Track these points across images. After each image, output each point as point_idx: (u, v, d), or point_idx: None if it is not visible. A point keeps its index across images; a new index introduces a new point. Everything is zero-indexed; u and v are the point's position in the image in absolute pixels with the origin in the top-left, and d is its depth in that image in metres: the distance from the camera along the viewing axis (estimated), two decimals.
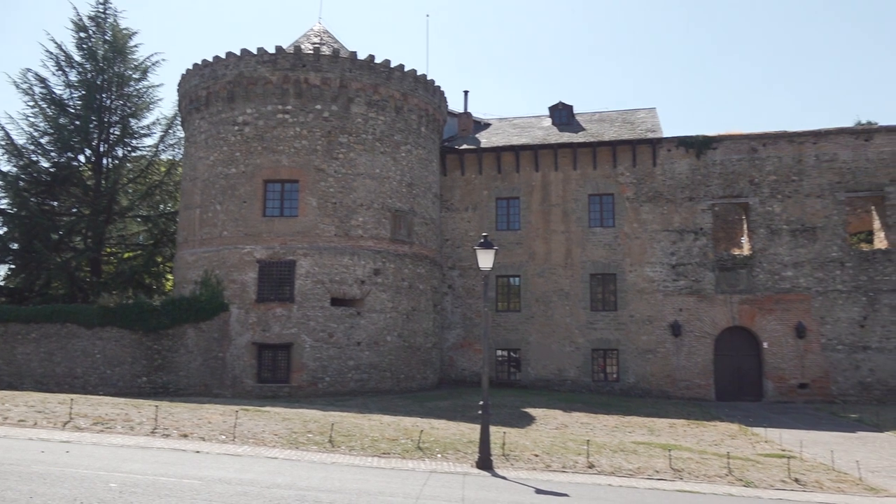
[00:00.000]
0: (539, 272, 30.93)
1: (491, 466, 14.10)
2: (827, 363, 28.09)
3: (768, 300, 28.79)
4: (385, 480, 12.29)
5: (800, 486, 14.43)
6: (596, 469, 14.74)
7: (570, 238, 30.84)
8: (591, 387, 29.65)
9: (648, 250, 30.06)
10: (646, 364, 29.50)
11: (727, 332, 29.14)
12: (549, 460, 15.15)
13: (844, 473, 15.59)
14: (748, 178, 29.61)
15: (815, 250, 28.65)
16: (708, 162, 30.00)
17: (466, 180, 32.32)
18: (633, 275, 30.05)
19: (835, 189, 28.83)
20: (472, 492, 11.71)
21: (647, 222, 30.21)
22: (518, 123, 34.95)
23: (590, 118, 33.98)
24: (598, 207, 30.92)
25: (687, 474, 14.76)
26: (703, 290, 29.38)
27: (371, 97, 27.85)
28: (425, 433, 16.75)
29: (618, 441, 18.26)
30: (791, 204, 29.08)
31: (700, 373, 29.03)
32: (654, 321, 29.62)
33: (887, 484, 15.03)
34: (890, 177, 28.42)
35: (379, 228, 27.56)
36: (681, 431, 20.62)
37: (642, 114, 33.65)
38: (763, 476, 14.94)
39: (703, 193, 29.91)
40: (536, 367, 30.43)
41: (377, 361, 26.74)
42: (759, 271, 28.98)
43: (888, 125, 29.50)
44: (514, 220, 31.67)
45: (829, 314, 28.25)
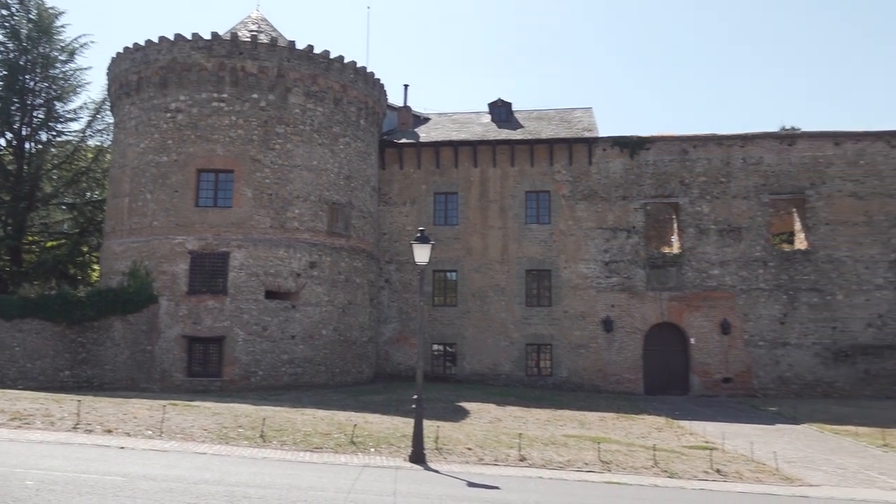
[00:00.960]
0: (476, 267, 31.14)
1: (424, 460, 14.14)
2: (749, 358, 29.20)
3: (696, 297, 29.73)
4: (317, 475, 12.19)
5: (721, 476, 14.97)
6: (527, 462, 14.96)
7: (507, 234, 31.15)
8: (525, 381, 30.05)
9: (583, 247, 30.62)
10: (578, 359, 30.08)
11: (656, 328, 29.97)
12: (482, 454, 15.30)
13: (763, 464, 16.25)
14: (679, 179, 30.47)
15: (741, 250, 29.72)
16: (641, 162, 30.74)
17: (405, 174, 32.25)
18: (568, 271, 30.57)
19: (760, 191, 29.95)
20: (405, 486, 11.73)
21: (581, 220, 30.77)
22: (458, 119, 35.07)
23: (528, 116, 34.36)
24: (534, 204, 31.31)
25: (615, 466, 15.13)
26: (635, 287, 30.12)
27: (309, 88, 27.47)
28: (359, 427, 16.68)
29: (549, 434, 18.58)
30: (719, 205, 30.07)
31: (630, 367, 29.77)
32: (587, 317, 30.21)
33: (802, 474, 15.74)
34: (810, 180, 29.70)
35: (316, 221, 27.25)
36: (610, 424, 21.11)
37: (579, 113, 34.22)
38: (687, 467, 15.44)
39: (636, 193, 30.63)
40: (472, 361, 30.66)
41: (312, 355, 26.47)
42: (688, 269, 29.90)
43: (810, 131, 30.84)
44: (452, 215, 31.79)
45: (752, 311, 29.36)
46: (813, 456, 17.85)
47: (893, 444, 19.39)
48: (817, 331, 28.93)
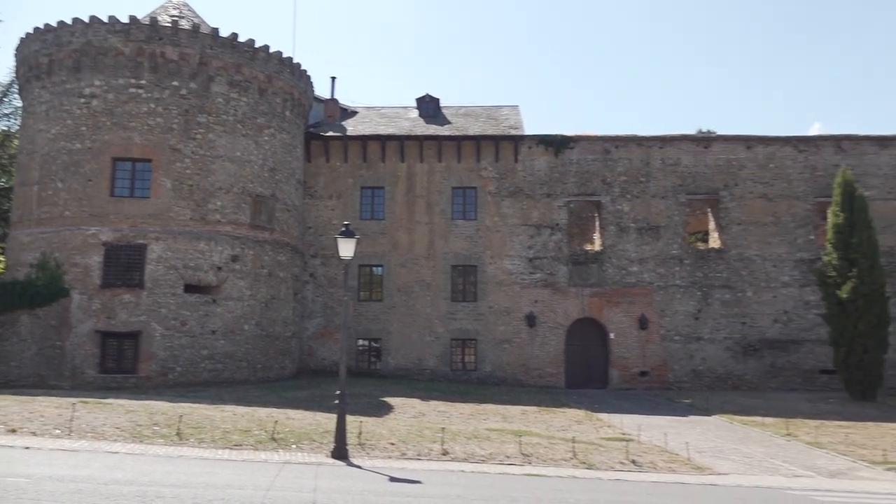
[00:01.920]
0: (402, 262, 31.11)
1: (346, 456, 14.06)
2: (665, 353, 30.24)
3: (616, 293, 30.56)
4: (235, 473, 11.95)
5: (637, 467, 15.46)
6: (450, 456, 15.08)
7: (434, 229, 31.23)
8: (450, 376, 30.24)
9: (508, 244, 31.01)
10: (502, 353, 30.47)
11: (578, 323, 30.66)
12: (405, 448, 15.33)
13: (676, 454, 16.87)
14: (601, 178, 31.22)
15: (659, 248, 30.71)
16: (565, 161, 31.33)
17: (331, 168, 31.89)
18: (493, 267, 30.90)
19: (677, 191, 31.00)
20: (326, 482, 11.63)
21: (507, 216, 31.14)
22: (385, 113, 34.90)
23: (456, 112, 34.51)
24: (461, 200, 31.50)
25: (535, 459, 15.42)
26: (558, 283, 30.71)
27: (233, 77, 26.80)
28: (280, 424, 16.43)
29: (472, 428, 18.76)
30: (638, 204, 30.97)
31: (552, 362, 30.36)
32: (512, 312, 30.63)
33: (712, 463, 16.42)
34: (724, 182, 30.94)
35: (238, 213, 26.64)
36: (532, 418, 21.48)
37: (506, 111, 34.60)
38: (604, 458, 15.87)
39: (560, 190, 31.21)
40: (397, 356, 30.63)
41: (233, 351, 25.89)
42: (609, 266, 30.69)
43: (725, 134, 32.13)
44: (379, 209, 31.64)
45: (669, 307, 30.40)
46: (722, 446, 18.64)
47: (796, 434, 20.44)
48: (728, 326, 30.20)
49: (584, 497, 11.73)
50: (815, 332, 29.32)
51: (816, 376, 29.60)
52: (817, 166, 30.75)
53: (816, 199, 30.48)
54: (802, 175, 30.79)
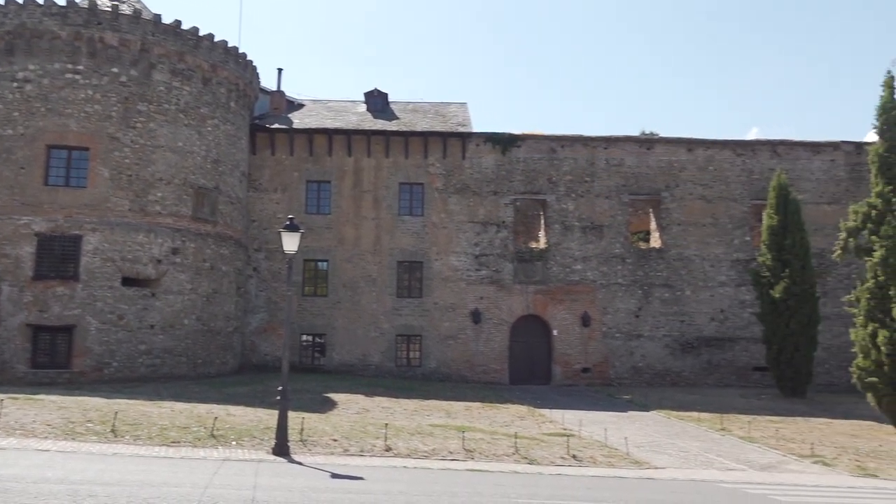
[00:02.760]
0: (348, 257, 30.90)
1: (288, 452, 13.91)
2: (607, 349, 30.81)
3: (560, 291, 30.98)
4: (172, 471, 11.68)
5: (577, 461, 15.72)
6: (393, 452, 15.06)
7: (380, 225, 31.11)
8: (395, 371, 30.20)
9: (454, 240, 31.11)
10: (447, 349, 30.58)
11: (522, 320, 30.98)
12: (348, 444, 15.25)
13: (615, 449, 17.21)
14: (547, 177, 31.59)
15: (602, 246, 31.25)
16: (512, 159, 31.59)
17: (277, 160, 31.44)
18: (439, 263, 30.96)
19: (620, 191, 31.59)
20: (266, 479, 11.47)
21: (454, 213, 31.24)
22: (333, 107, 34.56)
23: (404, 107, 34.42)
24: (408, 196, 31.45)
25: (478, 454, 15.53)
26: (503, 280, 30.97)
27: (176, 65, 26.16)
28: (220, 420, 16.14)
29: (416, 424, 18.78)
30: (583, 203, 31.45)
31: (496, 358, 30.62)
32: (457, 308, 30.75)
33: (649, 457, 16.82)
34: (665, 183, 31.67)
35: (180, 205, 26.03)
36: (476, 414, 21.62)
37: (454, 107, 34.67)
38: (546, 454, 16.09)
39: (506, 188, 31.46)
40: (341, 352, 30.43)
41: (172, 346, 25.31)
42: (553, 264, 31.09)
43: (666, 137, 32.92)
44: (325, 204, 31.34)
45: (611, 305, 30.98)
46: (660, 440, 19.11)
47: (730, 429, 21.11)
48: (668, 324, 30.96)
49: (525, 492, 11.86)
50: (750, 331, 30.29)
51: (750, 373, 30.60)
52: (754, 170, 31.75)
53: (752, 201, 31.46)
54: (740, 178, 31.74)
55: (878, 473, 17.15)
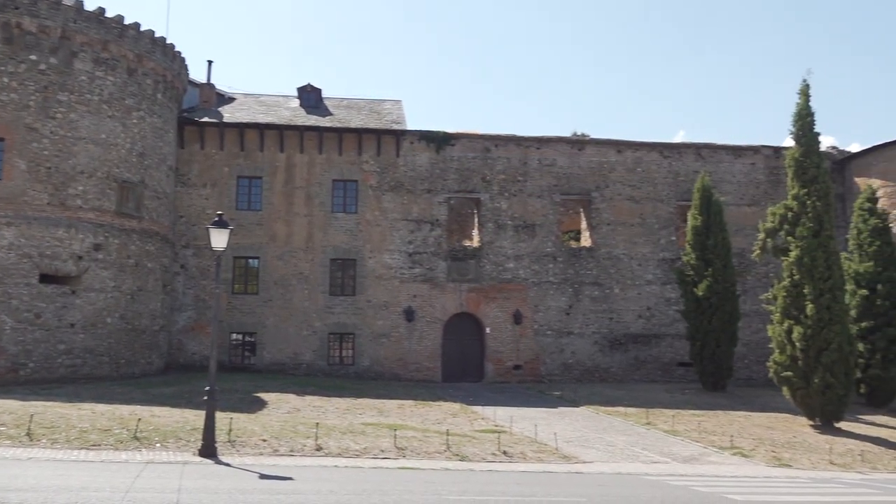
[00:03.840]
0: (279, 255, 30.41)
1: (215, 454, 13.63)
2: (538, 347, 31.27)
3: (492, 289, 31.27)
4: (92, 475, 11.28)
5: (507, 457, 15.95)
6: (324, 451, 14.95)
7: (313, 222, 30.74)
8: (327, 370, 29.90)
9: (388, 238, 31.01)
10: (380, 348, 30.46)
11: (455, 318, 31.13)
12: (278, 445, 15.05)
13: (545, 444, 17.53)
14: (481, 176, 31.82)
15: (534, 245, 31.69)
16: (446, 157, 31.69)
17: (206, 155, 30.67)
18: (373, 261, 30.81)
19: (552, 191, 32.10)
20: (191, 481, 11.20)
21: (388, 211, 31.14)
22: (265, 101, 33.93)
23: (338, 104, 34.08)
24: (341, 193, 31.17)
25: (410, 452, 15.56)
26: (436, 278, 31.05)
27: (99, 54, 25.21)
28: (144, 421, 15.66)
29: (348, 423, 18.68)
30: (516, 202, 31.82)
31: (429, 356, 30.68)
32: (390, 306, 30.67)
33: (578, 452, 17.19)
34: (596, 183, 32.34)
35: (102, 200, 25.10)
36: (408, 412, 21.64)
37: (389, 105, 34.54)
38: (477, 450, 16.25)
39: (440, 187, 31.55)
40: (272, 350, 29.94)
41: (94, 345, 24.40)
42: (486, 262, 31.36)
43: (597, 138, 33.62)
44: (256, 200, 30.76)
45: (542, 303, 31.46)
46: (588, 435, 19.56)
47: (655, 423, 21.77)
48: (597, 321, 31.64)
49: (456, 489, 11.95)
50: (675, 328, 31.25)
51: (675, 368, 31.57)
52: (680, 172, 32.75)
53: (678, 202, 32.45)
54: (666, 179, 32.69)
55: (791, 463, 18.01)
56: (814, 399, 22.25)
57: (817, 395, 22.07)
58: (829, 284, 22.23)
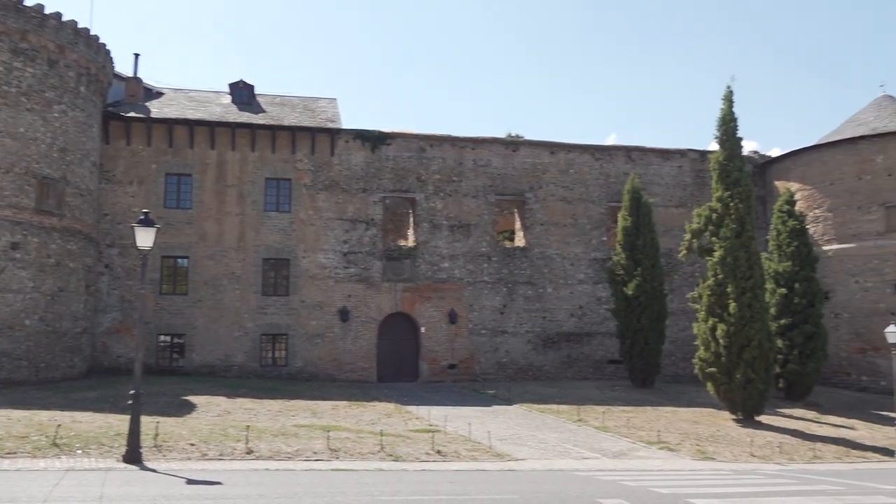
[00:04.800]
0: (210, 254, 29.71)
1: (140, 459, 13.21)
2: (473, 346, 31.48)
3: (428, 289, 31.32)
4: (7, 484, 10.77)
5: (441, 456, 15.99)
6: (255, 454, 14.68)
7: (245, 221, 30.15)
8: (259, 372, 29.38)
9: (322, 237, 30.68)
10: (314, 348, 30.12)
11: (390, 318, 31.04)
12: (207, 449, 14.70)
13: (479, 443, 17.66)
14: (416, 176, 31.83)
15: (469, 245, 31.89)
16: (382, 157, 31.57)
17: (133, 151, 29.69)
18: (307, 261, 30.44)
19: (487, 192, 32.37)
20: (114, 488, 10.82)
21: (322, 210, 30.80)
22: (195, 97, 33.07)
23: (271, 101, 33.51)
24: (274, 192, 30.68)
25: (343, 453, 15.44)
26: (371, 277, 30.90)
27: (17, 44, 24.11)
28: (65, 427, 15.05)
29: (280, 425, 18.39)
30: (451, 202, 31.95)
31: (364, 356, 30.51)
32: (325, 307, 30.36)
33: (511, 450, 17.38)
34: (530, 184, 32.77)
35: (20, 196, 24.02)
36: (342, 413, 21.46)
37: (324, 103, 34.16)
38: (411, 450, 16.24)
39: (375, 186, 31.40)
40: (202, 352, 29.22)
41: (11, 349, 23.31)
42: (421, 262, 31.38)
43: (531, 140, 34.07)
44: (186, 198, 29.96)
45: (477, 302, 31.68)
46: (521, 433, 19.80)
47: (586, 420, 22.21)
48: (530, 320, 32.06)
49: (389, 489, 11.91)
50: (605, 326, 31.94)
51: (605, 366, 32.27)
52: (610, 173, 33.50)
53: (609, 203, 33.19)
54: (598, 181, 33.39)
55: (715, 456, 18.66)
56: (736, 394, 23.12)
57: (739, 390, 22.94)
58: (750, 283, 23.14)
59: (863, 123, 32.89)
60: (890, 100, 33.87)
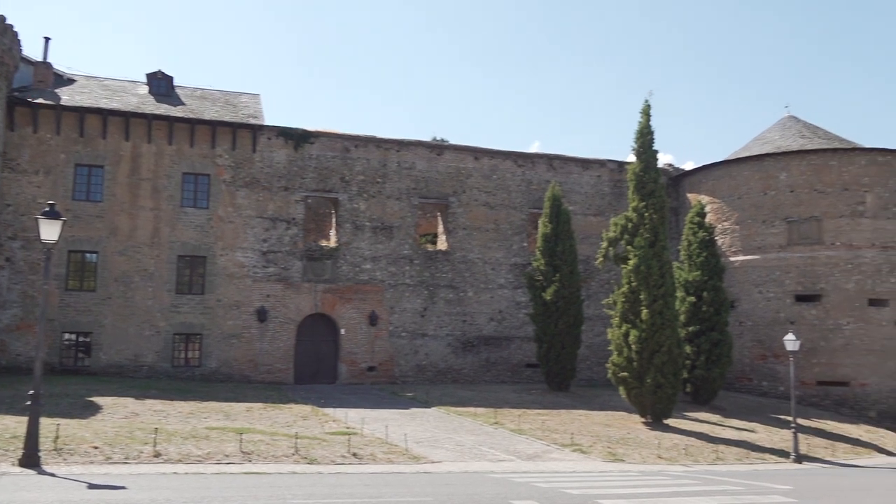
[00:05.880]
0: (121, 250, 28.58)
1: (38, 463, 12.59)
2: (392, 348, 31.42)
3: (349, 290, 31.07)
4: None
5: (357, 459, 15.89)
6: (163, 458, 14.23)
7: (160, 216, 29.16)
8: (171, 372, 28.44)
9: (241, 235, 30.00)
10: (230, 349, 29.39)
11: (310, 319, 30.63)
12: (111, 452, 14.15)
13: (395, 445, 17.63)
14: (340, 176, 31.54)
15: (391, 247, 31.82)
16: (305, 155, 31.14)
17: (39, 139, 28.27)
18: (224, 259, 29.69)
19: (411, 194, 32.39)
20: (7, 494, 10.26)
21: (242, 207, 30.12)
22: (109, 85, 31.77)
23: (191, 93, 32.55)
24: (192, 187, 29.79)
25: (256, 456, 15.13)
26: (291, 277, 30.41)
27: None
28: None
29: (191, 427, 17.87)
30: (374, 203, 31.82)
31: (282, 357, 29.98)
32: (242, 306, 29.68)
33: (427, 452, 17.42)
34: (453, 189, 32.99)
35: None
36: (257, 415, 21.03)
37: (246, 98, 33.43)
38: (327, 453, 16.07)
39: (298, 185, 30.94)
40: (110, 352, 28.06)
41: None
42: (343, 263, 31.11)
43: (456, 144, 34.34)
44: (96, 190, 28.73)
45: (398, 304, 31.64)
46: (438, 436, 19.88)
47: (502, 422, 22.50)
48: (451, 323, 32.26)
49: (302, 492, 11.75)
50: (524, 330, 32.45)
51: (523, 370, 32.78)
52: (532, 180, 34.10)
53: (530, 209, 33.77)
54: (520, 187, 33.93)
55: (624, 458, 19.24)
56: (646, 398, 23.91)
57: (649, 393, 23.74)
58: (661, 291, 23.99)
59: (768, 142, 34.67)
60: (794, 120, 35.86)
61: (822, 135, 34.58)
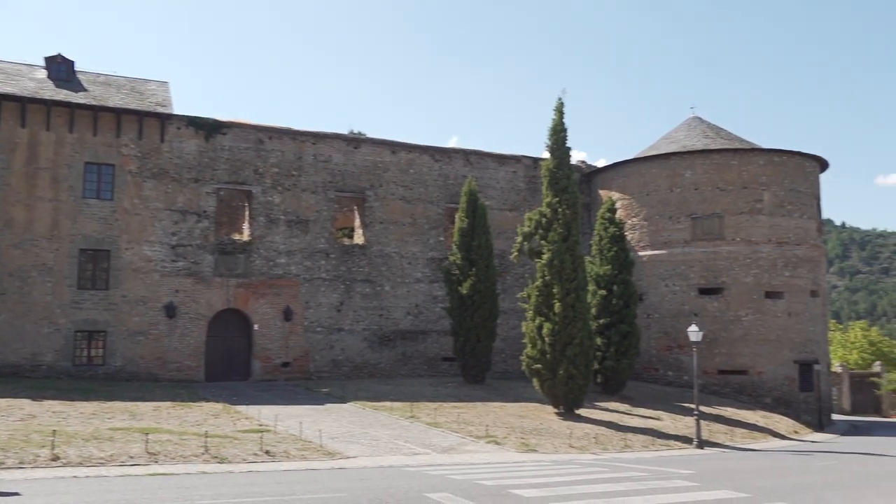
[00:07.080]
0: (17, 243, 27.00)
1: None
2: (308, 343, 30.97)
3: (262, 285, 30.41)
4: None
5: (270, 457, 15.63)
6: (62, 461, 13.60)
7: (60, 208, 27.71)
8: (72, 371, 27.11)
9: (149, 228, 28.87)
10: (136, 346, 28.27)
11: (222, 314, 29.81)
12: (4, 457, 13.41)
13: (309, 442, 17.43)
14: (254, 168, 30.79)
15: (307, 241, 31.33)
16: (217, 146, 30.23)
17: None
18: (130, 253, 28.51)
19: (327, 187, 31.97)
20: None
21: (149, 199, 28.98)
22: (4, 69, 29.87)
23: (94, 79, 31.02)
24: (95, 177, 28.43)
25: (163, 457, 14.66)
26: (202, 272, 29.51)
27: None
28: None
29: (93, 429, 17.13)
30: (289, 196, 31.23)
31: (192, 354, 29.07)
32: (149, 302, 28.59)
33: (342, 448, 17.32)
34: (370, 182, 32.78)
35: None
36: (165, 414, 20.35)
37: (154, 86, 32.13)
38: (238, 451, 15.73)
39: (209, 177, 30.01)
40: (5, 351, 26.47)
41: None
42: (257, 257, 30.42)
43: (372, 137, 34.09)
44: None
45: (314, 299, 31.21)
46: (354, 431, 19.77)
47: (418, 416, 22.58)
48: (367, 318, 32.07)
49: (211, 492, 11.44)
50: (440, 324, 32.61)
51: (439, 363, 32.96)
52: (449, 175, 34.27)
53: (447, 204, 33.93)
54: (437, 182, 34.04)
55: (538, 448, 19.67)
56: (559, 389, 24.51)
57: (562, 385, 24.34)
58: (574, 285, 24.62)
59: (675, 141, 36.06)
60: (699, 121, 37.42)
61: (725, 135, 36.24)
